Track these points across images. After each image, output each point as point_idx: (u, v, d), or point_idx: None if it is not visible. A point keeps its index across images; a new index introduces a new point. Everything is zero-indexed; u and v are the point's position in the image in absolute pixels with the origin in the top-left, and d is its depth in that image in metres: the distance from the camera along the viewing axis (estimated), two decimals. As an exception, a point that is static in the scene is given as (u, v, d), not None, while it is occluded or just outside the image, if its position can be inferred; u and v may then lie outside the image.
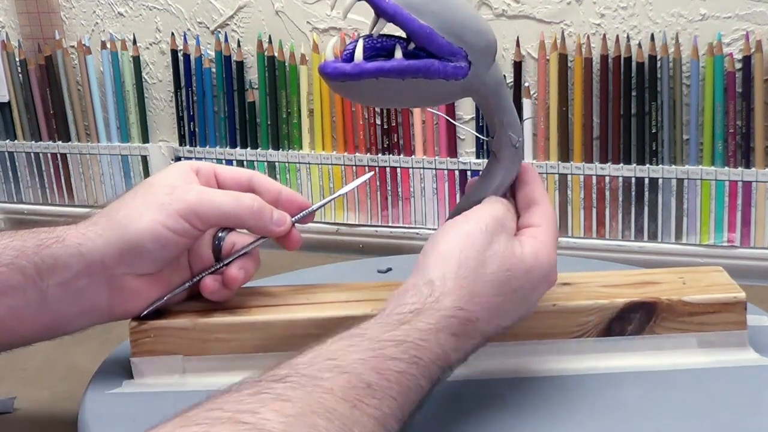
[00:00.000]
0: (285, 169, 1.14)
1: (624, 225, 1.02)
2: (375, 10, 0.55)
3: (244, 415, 0.42)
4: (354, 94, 0.58)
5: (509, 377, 0.62)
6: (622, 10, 0.98)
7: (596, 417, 0.57)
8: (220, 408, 0.42)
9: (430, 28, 0.56)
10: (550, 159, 1.03)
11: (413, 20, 0.55)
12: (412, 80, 0.56)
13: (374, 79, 0.55)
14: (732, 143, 0.96)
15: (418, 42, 0.56)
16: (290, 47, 1.11)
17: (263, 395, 0.44)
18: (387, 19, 0.55)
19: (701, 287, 0.65)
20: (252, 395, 0.44)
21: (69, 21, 1.23)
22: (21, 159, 1.26)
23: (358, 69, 0.55)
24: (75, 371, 0.77)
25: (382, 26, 0.56)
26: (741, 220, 0.97)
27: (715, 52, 0.95)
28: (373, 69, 0.55)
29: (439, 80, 0.57)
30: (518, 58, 1.02)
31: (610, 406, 0.59)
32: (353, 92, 0.57)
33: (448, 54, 0.56)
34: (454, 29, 0.56)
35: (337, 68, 0.56)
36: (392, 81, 0.56)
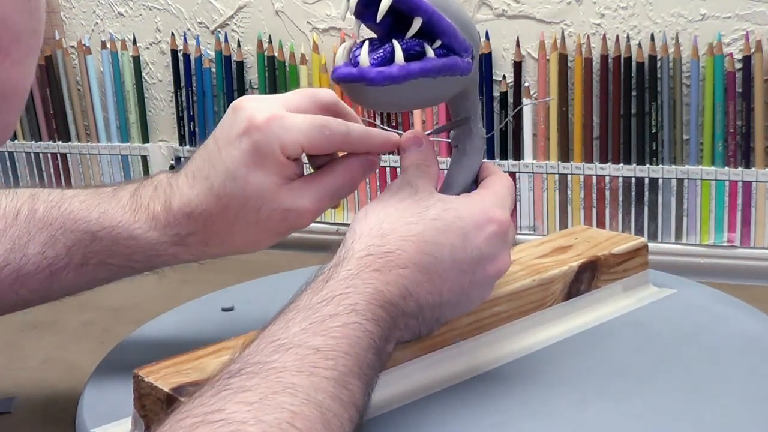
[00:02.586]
0: (285, 169, 1.14)
1: (624, 225, 1.02)
2: (412, 10, 0.54)
3: (212, 415, 0.42)
4: (387, 99, 0.56)
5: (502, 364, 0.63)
6: (622, 10, 0.98)
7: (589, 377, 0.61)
8: (188, 415, 0.42)
9: (455, 26, 0.56)
10: (550, 159, 1.03)
11: (443, 18, 0.56)
12: (441, 78, 0.56)
13: (414, 80, 0.55)
14: (732, 143, 0.96)
15: (446, 40, 0.56)
16: (290, 47, 1.11)
17: (224, 392, 0.44)
18: (424, 18, 0.55)
19: (611, 241, 0.74)
20: (213, 395, 0.44)
21: (69, 21, 1.23)
22: (21, 159, 1.26)
23: (405, 71, 0.54)
24: (75, 371, 0.77)
25: (417, 27, 0.55)
26: (741, 220, 0.97)
27: (715, 52, 0.95)
28: (418, 70, 0.55)
29: (457, 77, 0.57)
30: (518, 58, 1.02)
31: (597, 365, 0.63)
32: (388, 97, 0.55)
33: (464, 51, 0.57)
34: (465, 27, 0.57)
35: (382, 72, 0.54)
36: (426, 81, 0.56)
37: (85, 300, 0.97)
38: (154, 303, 0.84)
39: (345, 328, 0.48)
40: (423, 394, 0.59)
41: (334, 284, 0.51)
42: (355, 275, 0.52)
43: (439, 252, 0.54)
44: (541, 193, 1.04)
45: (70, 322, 0.92)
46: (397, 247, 0.53)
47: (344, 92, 0.57)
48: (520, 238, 1.05)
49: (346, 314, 0.49)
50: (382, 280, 0.52)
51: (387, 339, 0.52)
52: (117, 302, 0.96)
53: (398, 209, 0.55)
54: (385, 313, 0.51)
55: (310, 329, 0.48)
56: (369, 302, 0.50)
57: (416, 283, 0.53)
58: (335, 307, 0.49)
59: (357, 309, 0.50)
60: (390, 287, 0.52)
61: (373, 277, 0.52)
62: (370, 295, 0.51)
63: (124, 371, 0.66)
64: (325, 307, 0.49)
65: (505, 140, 1.04)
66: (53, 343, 0.86)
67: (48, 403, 0.73)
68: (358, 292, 0.51)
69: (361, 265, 0.52)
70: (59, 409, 0.70)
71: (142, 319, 0.80)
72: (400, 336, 0.54)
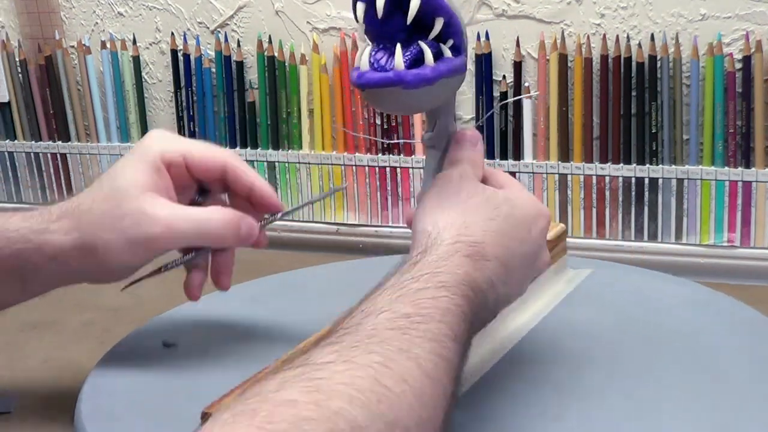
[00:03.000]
0: (285, 169, 1.14)
1: (624, 225, 1.02)
2: (435, 10, 0.54)
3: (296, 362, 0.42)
4: (416, 102, 0.56)
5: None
6: (622, 10, 0.98)
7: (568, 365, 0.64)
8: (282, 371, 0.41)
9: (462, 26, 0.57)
10: (550, 159, 1.03)
11: (459, 18, 0.56)
12: (453, 77, 0.57)
13: (441, 80, 0.55)
14: (732, 143, 0.96)
15: (457, 39, 0.56)
16: (290, 47, 1.11)
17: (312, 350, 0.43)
18: (445, 18, 0.55)
19: None
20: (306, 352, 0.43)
21: (69, 21, 1.23)
22: (21, 159, 1.27)
23: (436, 72, 0.55)
24: (75, 371, 0.77)
25: (439, 28, 0.55)
26: (741, 220, 0.97)
27: (715, 52, 0.95)
28: (446, 70, 0.55)
29: (460, 75, 0.58)
30: (518, 58, 1.02)
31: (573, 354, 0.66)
32: (417, 100, 0.55)
33: (464, 49, 0.58)
34: (463, 26, 0.58)
35: (418, 75, 0.54)
36: (445, 80, 0.56)
37: (85, 300, 0.97)
38: (154, 303, 0.84)
39: (435, 301, 0.48)
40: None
41: (422, 266, 0.51)
42: (446, 258, 0.52)
43: (513, 246, 0.56)
44: (541, 193, 1.04)
45: (70, 322, 0.92)
46: (482, 239, 0.54)
47: (365, 98, 0.57)
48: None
49: (435, 288, 0.49)
50: (473, 266, 0.52)
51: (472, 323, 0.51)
52: (117, 302, 0.96)
53: (471, 204, 0.56)
54: (474, 295, 0.51)
55: (399, 300, 0.48)
56: (460, 282, 0.50)
57: (497, 275, 0.54)
58: (425, 283, 0.49)
59: (447, 285, 0.50)
60: (480, 274, 0.53)
61: (464, 262, 0.52)
62: (460, 277, 0.51)
63: (124, 371, 0.66)
64: (413, 284, 0.49)
65: (505, 140, 1.04)
66: (53, 343, 0.86)
67: (48, 403, 0.73)
68: (449, 272, 0.51)
69: (451, 250, 0.53)
70: (59, 408, 0.70)
71: (142, 319, 0.80)
72: (478, 327, 0.54)
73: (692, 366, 0.63)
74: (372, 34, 0.56)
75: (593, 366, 0.63)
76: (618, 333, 0.69)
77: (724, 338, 0.67)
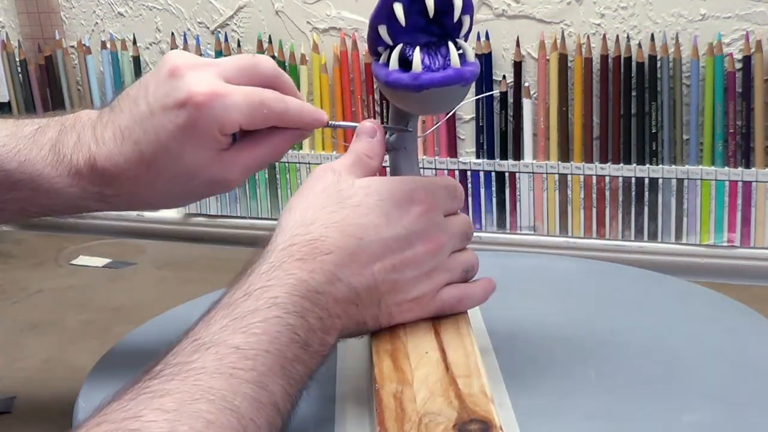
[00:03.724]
0: (285, 169, 1.14)
1: (624, 225, 1.02)
2: (466, 8, 0.55)
3: (129, 422, 0.42)
4: (457, 101, 0.57)
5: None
6: (622, 10, 0.98)
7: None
8: (104, 420, 0.42)
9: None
10: (550, 159, 1.03)
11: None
12: None
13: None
14: (732, 143, 0.96)
15: (466, 39, 0.57)
16: (290, 47, 1.11)
17: (142, 396, 0.43)
18: (471, 16, 0.55)
19: None
20: (132, 399, 0.43)
21: (69, 21, 1.23)
22: (21, 159, 1.26)
23: (476, 69, 0.55)
24: (74, 371, 0.77)
25: (467, 26, 0.56)
26: (741, 220, 0.97)
27: (715, 52, 0.95)
28: (476, 69, 0.55)
29: None
30: (518, 58, 1.02)
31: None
32: (459, 98, 0.56)
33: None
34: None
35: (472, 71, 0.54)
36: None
37: (85, 300, 0.97)
38: (154, 303, 0.84)
39: (265, 324, 0.48)
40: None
41: (254, 278, 0.51)
42: (277, 267, 0.51)
43: (363, 233, 0.54)
44: (541, 193, 1.04)
45: (70, 322, 0.92)
46: (321, 234, 0.53)
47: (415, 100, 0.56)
48: (521, 238, 1.05)
49: (267, 308, 0.49)
50: (306, 268, 0.51)
51: (321, 329, 0.51)
52: (117, 302, 0.96)
53: (320, 198, 0.55)
54: (309, 303, 0.50)
55: (230, 326, 0.48)
56: (291, 294, 0.50)
57: (343, 266, 0.53)
58: (255, 301, 0.49)
59: (278, 302, 0.49)
60: (315, 275, 0.51)
61: (295, 266, 0.51)
62: (291, 286, 0.50)
63: (123, 371, 0.66)
64: (245, 302, 0.49)
65: (505, 140, 1.04)
66: (53, 343, 0.86)
67: (48, 402, 0.73)
68: (280, 284, 0.50)
69: (283, 256, 0.52)
70: (59, 408, 0.70)
71: (142, 319, 0.80)
72: (342, 325, 0.53)
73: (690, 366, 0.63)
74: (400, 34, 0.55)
75: (589, 366, 0.63)
76: (615, 333, 0.69)
77: (724, 338, 0.67)
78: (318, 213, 0.54)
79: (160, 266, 1.09)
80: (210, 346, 0.46)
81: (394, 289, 0.56)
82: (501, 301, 0.62)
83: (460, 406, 0.49)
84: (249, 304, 0.49)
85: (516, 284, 0.77)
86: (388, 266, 0.55)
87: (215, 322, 0.48)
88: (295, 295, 0.50)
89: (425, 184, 0.58)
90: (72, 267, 1.09)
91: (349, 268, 0.53)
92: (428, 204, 0.57)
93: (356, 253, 0.54)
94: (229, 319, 0.48)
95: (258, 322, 0.48)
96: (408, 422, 0.48)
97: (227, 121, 0.58)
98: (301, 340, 0.49)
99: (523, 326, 0.70)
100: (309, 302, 0.51)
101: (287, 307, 0.49)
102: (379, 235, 0.55)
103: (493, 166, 1.05)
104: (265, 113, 0.59)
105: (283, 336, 0.48)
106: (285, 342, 0.48)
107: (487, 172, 1.06)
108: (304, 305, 0.50)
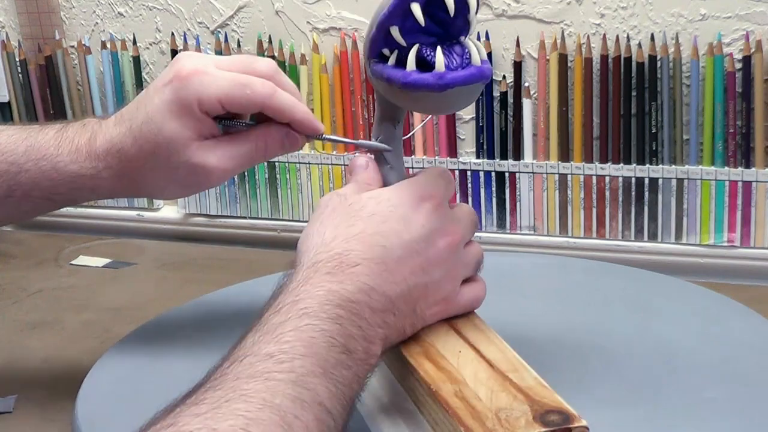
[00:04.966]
0: (285, 169, 1.14)
1: (624, 225, 1.02)
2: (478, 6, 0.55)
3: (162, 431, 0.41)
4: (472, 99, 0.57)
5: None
6: (622, 10, 0.98)
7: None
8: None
9: None
10: (550, 159, 1.03)
11: None
12: None
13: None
14: (732, 143, 0.96)
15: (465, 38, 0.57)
16: (290, 47, 1.11)
17: (177, 410, 0.43)
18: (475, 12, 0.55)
19: None
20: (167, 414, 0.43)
21: (69, 21, 1.23)
22: (21, 159, 1.26)
23: (491, 68, 0.56)
24: (74, 371, 0.77)
25: (474, 23, 0.56)
26: (741, 220, 0.97)
27: (715, 52, 0.95)
28: (491, 66, 0.56)
29: None
30: (518, 58, 1.02)
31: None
32: (475, 95, 0.57)
33: None
34: None
35: (490, 68, 0.55)
36: None
37: (85, 300, 0.97)
38: (154, 303, 0.84)
39: (296, 332, 0.47)
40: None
41: (283, 296, 0.50)
42: (305, 282, 0.51)
43: (386, 241, 0.54)
44: (541, 193, 1.04)
45: (70, 322, 0.92)
46: (344, 249, 0.53)
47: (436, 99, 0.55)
48: (521, 238, 1.05)
49: (297, 318, 0.48)
50: (335, 280, 0.51)
51: (364, 338, 0.50)
52: (117, 302, 0.96)
53: (333, 218, 0.55)
54: (344, 312, 0.50)
55: (261, 339, 0.47)
56: (322, 303, 0.49)
57: (375, 276, 0.52)
58: (285, 315, 0.48)
59: (308, 312, 0.49)
60: (345, 285, 0.51)
61: (324, 279, 0.51)
62: (322, 297, 0.50)
63: (123, 371, 0.66)
64: (275, 317, 0.48)
65: (505, 140, 1.04)
66: (53, 343, 0.86)
67: (48, 402, 0.73)
68: (309, 296, 0.50)
69: (309, 273, 0.52)
70: (59, 408, 0.70)
71: (142, 319, 0.80)
72: (384, 335, 0.52)
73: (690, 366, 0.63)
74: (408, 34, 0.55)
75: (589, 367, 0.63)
76: (615, 333, 0.69)
77: (724, 338, 0.67)
78: (335, 230, 0.54)
79: (160, 266, 1.09)
80: (243, 358, 0.46)
81: (426, 293, 0.56)
82: (500, 301, 0.62)
83: (527, 400, 0.48)
84: (279, 318, 0.48)
85: (516, 284, 0.77)
86: (416, 270, 0.55)
87: (246, 340, 0.48)
88: (327, 305, 0.49)
89: (427, 180, 0.58)
90: (72, 267, 1.09)
91: (380, 277, 0.53)
92: (436, 198, 0.57)
93: (384, 262, 0.53)
94: (260, 333, 0.48)
95: (289, 331, 0.47)
96: (487, 420, 0.47)
97: (205, 96, 0.60)
98: (339, 344, 0.48)
99: (522, 326, 0.70)
100: (343, 310, 0.50)
101: (319, 315, 0.49)
102: (401, 239, 0.54)
103: (493, 166, 1.05)
104: (248, 93, 0.60)
105: (318, 341, 0.47)
106: (322, 346, 0.47)
107: (487, 172, 1.06)
108: (338, 313, 0.49)
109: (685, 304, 0.75)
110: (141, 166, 0.63)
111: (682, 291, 0.78)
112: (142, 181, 0.65)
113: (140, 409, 0.60)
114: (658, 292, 0.78)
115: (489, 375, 0.51)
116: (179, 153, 0.61)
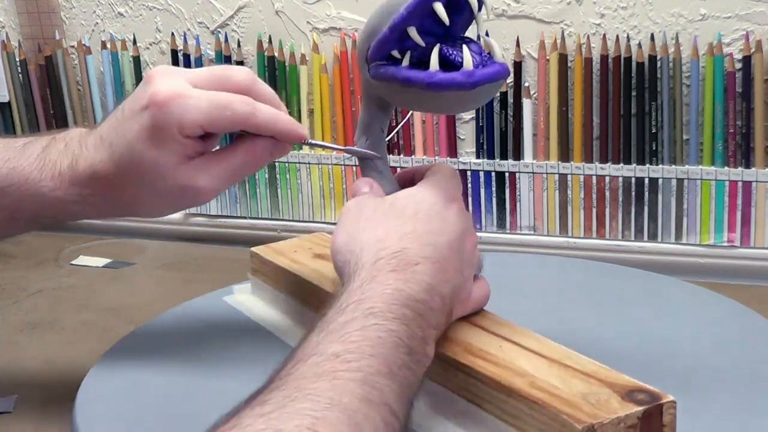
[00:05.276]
0: (285, 169, 1.14)
1: (624, 225, 1.02)
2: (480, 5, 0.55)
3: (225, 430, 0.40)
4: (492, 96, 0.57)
5: None
6: (622, 10, 0.98)
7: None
8: None
9: None
10: (550, 159, 1.03)
11: None
12: None
13: None
14: (732, 143, 0.96)
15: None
16: (290, 47, 1.11)
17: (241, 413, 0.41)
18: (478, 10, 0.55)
19: None
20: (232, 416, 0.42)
21: (69, 21, 1.24)
22: (21, 159, 1.26)
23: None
24: (74, 371, 0.77)
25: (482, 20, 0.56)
26: (741, 220, 0.97)
27: (715, 52, 0.95)
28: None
29: None
30: (518, 58, 1.02)
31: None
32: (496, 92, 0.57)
33: None
34: None
35: (506, 66, 0.55)
36: None
37: (85, 300, 0.97)
38: (154, 303, 0.84)
39: (365, 331, 0.46)
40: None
41: (347, 296, 0.49)
42: (371, 280, 0.50)
43: (434, 240, 0.53)
44: (541, 193, 1.04)
45: (70, 322, 0.92)
46: (401, 246, 0.52)
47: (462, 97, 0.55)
48: (521, 238, 1.05)
49: (363, 318, 0.47)
50: (401, 278, 0.50)
51: (422, 339, 0.49)
52: (117, 302, 0.97)
53: (377, 216, 0.55)
54: (411, 312, 0.48)
55: (326, 339, 0.46)
56: (389, 303, 0.48)
57: (433, 275, 0.51)
58: (351, 314, 0.47)
59: (374, 311, 0.47)
60: (411, 284, 0.50)
61: (390, 277, 0.50)
62: (389, 296, 0.48)
63: (123, 371, 0.66)
64: (340, 317, 0.47)
65: (505, 140, 1.04)
66: (53, 343, 0.86)
67: (47, 403, 0.73)
68: (376, 295, 0.48)
69: (374, 270, 0.50)
70: (58, 408, 0.70)
71: (142, 319, 0.80)
72: (436, 335, 0.51)
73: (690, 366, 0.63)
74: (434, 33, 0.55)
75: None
76: (615, 333, 0.69)
77: (724, 339, 0.67)
78: (387, 229, 0.53)
79: (160, 266, 1.09)
80: (308, 358, 0.44)
81: (459, 293, 0.55)
82: (500, 301, 0.62)
83: (601, 383, 0.48)
84: (344, 318, 0.47)
85: (516, 284, 0.77)
86: (458, 269, 0.54)
87: (309, 340, 0.46)
88: (394, 304, 0.48)
89: (446, 180, 0.58)
90: (72, 267, 1.09)
91: (437, 276, 0.52)
92: (459, 199, 0.57)
93: (438, 261, 0.52)
94: (324, 333, 0.46)
95: (355, 331, 0.46)
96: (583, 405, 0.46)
97: (186, 121, 0.58)
98: (405, 346, 0.47)
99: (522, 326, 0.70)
100: (410, 310, 0.48)
101: (386, 315, 0.47)
102: (446, 238, 0.54)
103: (493, 166, 1.05)
104: (228, 115, 0.59)
105: (385, 341, 0.46)
106: (390, 346, 0.46)
107: (487, 172, 1.06)
108: (405, 313, 0.48)
109: (684, 304, 0.75)
110: (127, 191, 0.62)
111: (682, 291, 0.78)
112: (130, 204, 0.63)
113: (140, 410, 0.60)
114: (658, 292, 0.78)
115: (545, 364, 0.50)
116: (166, 178, 0.60)
